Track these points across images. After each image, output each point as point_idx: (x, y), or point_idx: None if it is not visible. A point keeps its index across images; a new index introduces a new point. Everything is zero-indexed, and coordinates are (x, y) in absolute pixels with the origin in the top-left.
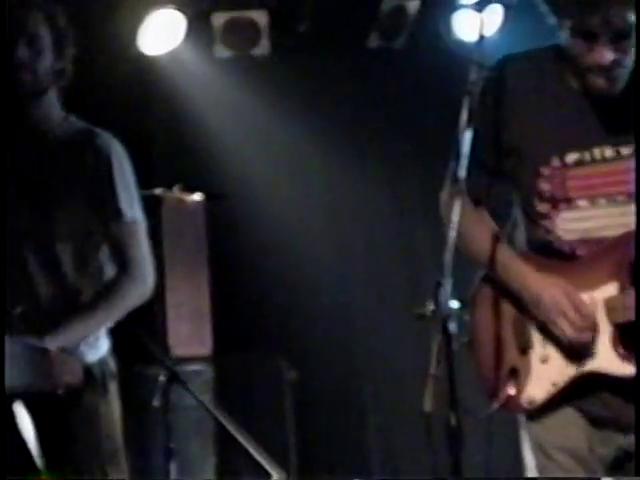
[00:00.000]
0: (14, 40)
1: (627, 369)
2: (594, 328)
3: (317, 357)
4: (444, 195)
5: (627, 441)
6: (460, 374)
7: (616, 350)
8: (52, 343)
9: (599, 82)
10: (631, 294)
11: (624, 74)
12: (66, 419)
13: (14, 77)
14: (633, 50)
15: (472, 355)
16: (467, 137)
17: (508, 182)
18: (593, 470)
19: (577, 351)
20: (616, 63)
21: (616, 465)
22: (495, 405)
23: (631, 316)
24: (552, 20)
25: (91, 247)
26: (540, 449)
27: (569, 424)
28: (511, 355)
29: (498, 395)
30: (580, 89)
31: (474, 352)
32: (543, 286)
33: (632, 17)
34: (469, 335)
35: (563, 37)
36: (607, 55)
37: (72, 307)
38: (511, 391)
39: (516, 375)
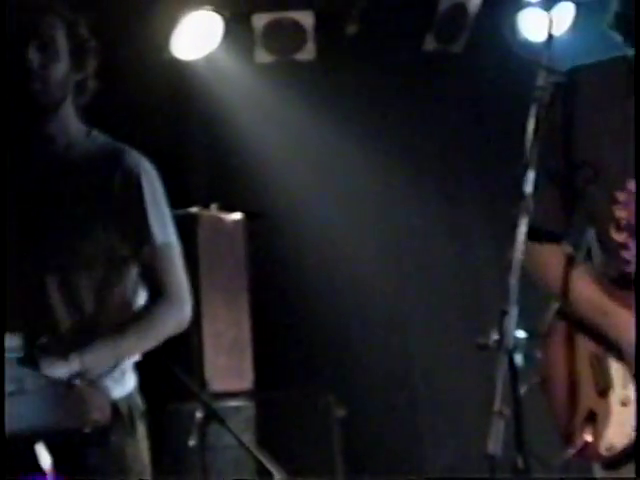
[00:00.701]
0: (24, 43)
1: None
2: None
3: (368, 392)
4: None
5: None
6: (532, 417)
7: None
8: (76, 363)
9: None
10: None
11: None
12: (92, 459)
13: (22, 85)
14: None
15: (545, 396)
16: (534, 149)
17: (580, 206)
18: None
19: None
20: None
21: None
22: (570, 452)
23: None
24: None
25: (116, 275)
26: None
27: None
28: (588, 397)
29: (574, 441)
30: None
31: (547, 392)
32: (627, 321)
33: None
34: (542, 373)
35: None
36: None
37: (94, 334)
38: (588, 437)
39: (594, 419)
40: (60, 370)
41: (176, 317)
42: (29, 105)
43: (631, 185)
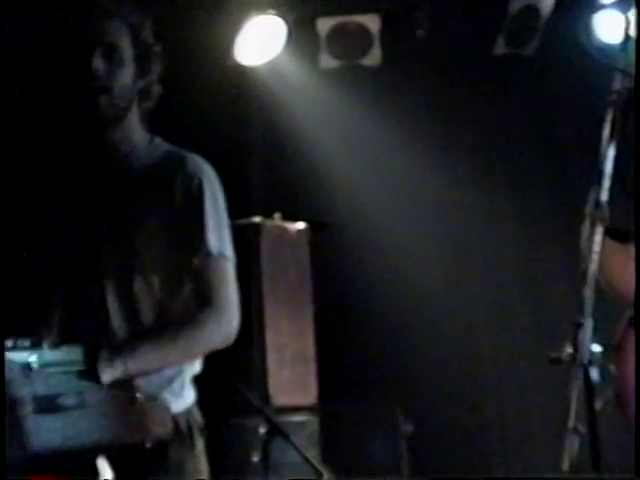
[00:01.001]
0: (88, 50)
1: None
2: None
3: (436, 407)
4: (585, 222)
5: None
6: (609, 431)
7: None
8: (121, 367)
9: None
10: None
11: None
12: (152, 475)
13: (85, 96)
14: None
15: (621, 412)
16: (610, 155)
17: None
18: None
19: None
20: None
21: None
22: None
23: None
24: None
25: (174, 284)
26: None
27: None
28: None
29: None
30: None
31: (623, 407)
32: None
33: None
34: (616, 388)
35: None
36: None
37: (141, 339)
38: None
39: None
40: (105, 376)
41: (223, 330)
42: (94, 116)
43: None
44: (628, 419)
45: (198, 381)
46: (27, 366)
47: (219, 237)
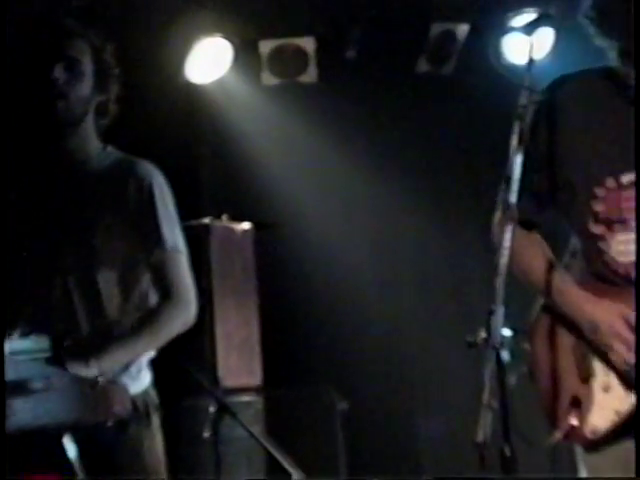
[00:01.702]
0: (51, 61)
1: None
2: None
3: (367, 387)
4: (496, 221)
5: None
6: (522, 404)
7: None
8: (96, 367)
9: None
10: None
11: None
12: (112, 451)
13: (46, 101)
14: None
15: (533, 385)
16: (518, 162)
17: (561, 208)
18: None
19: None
20: None
21: None
22: (558, 436)
23: None
24: (600, 42)
25: (132, 277)
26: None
27: (627, 454)
28: (573, 384)
29: (560, 425)
30: (632, 110)
31: (535, 381)
32: (598, 311)
33: None
34: (529, 365)
35: (612, 58)
36: None
37: (111, 337)
38: (574, 421)
39: (578, 405)
40: (81, 372)
41: (182, 317)
42: (52, 119)
43: (609, 182)
44: (538, 390)
45: (154, 365)
46: None
47: (172, 233)
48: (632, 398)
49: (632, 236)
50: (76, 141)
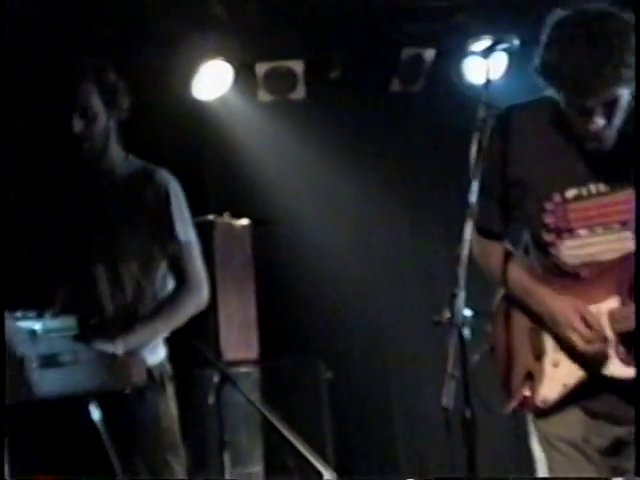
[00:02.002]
0: (68, 114)
1: (627, 372)
2: (604, 339)
3: (350, 359)
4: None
5: (621, 431)
6: (483, 377)
7: (618, 355)
8: (121, 345)
9: (593, 144)
10: (631, 307)
11: (614, 133)
12: (133, 414)
13: (74, 146)
14: (621, 113)
15: (493, 361)
16: (478, 169)
17: (516, 213)
18: (589, 456)
19: (587, 358)
20: (607, 127)
21: (611, 452)
22: (513, 404)
23: (631, 326)
24: (548, 92)
25: (150, 267)
26: (545, 440)
27: (570, 419)
28: (527, 361)
29: (515, 395)
30: (575, 139)
31: (495, 358)
32: (557, 305)
33: (621, 89)
34: (490, 344)
35: (561, 102)
36: (599, 123)
37: (131, 318)
38: (527, 392)
39: (531, 378)
40: (109, 350)
41: (196, 300)
42: (80, 157)
43: (556, 197)
44: (497, 365)
45: (169, 341)
46: (33, 332)
47: (184, 229)
48: (578, 373)
49: (578, 242)
50: (100, 155)
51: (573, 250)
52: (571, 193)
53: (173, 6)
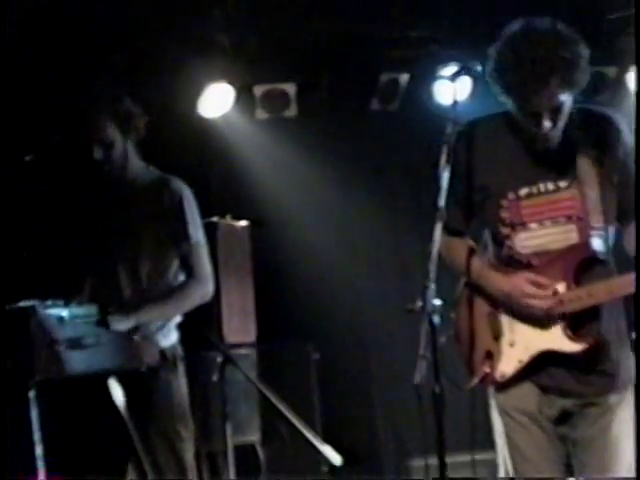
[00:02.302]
0: (89, 145)
1: (573, 347)
2: (556, 293)
3: (335, 342)
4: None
5: (567, 403)
6: (449, 357)
7: (565, 333)
8: (133, 320)
9: (541, 143)
10: (576, 291)
11: (559, 133)
12: (149, 391)
13: (96, 172)
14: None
15: (457, 343)
16: (445, 175)
17: (478, 213)
18: (542, 425)
19: (543, 323)
20: (553, 128)
21: (561, 421)
22: (475, 380)
23: (576, 307)
24: (501, 98)
25: (165, 264)
26: (504, 411)
27: (524, 392)
28: (486, 341)
29: (477, 372)
30: (526, 142)
31: (459, 341)
32: (507, 283)
33: (565, 96)
34: (454, 327)
35: (512, 108)
36: (547, 125)
37: (144, 300)
38: (487, 369)
39: (490, 357)
40: (122, 324)
41: (202, 292)
42: (102, 179)
43: (511, 195)
44: (460, 346)
45: (181, 327)
46: (61, 318)
47: (196, 231)
48: (531, 350)
49: (530, 234)
50: (124, 171)
51: (525, 241)
52: (523, 191)
53: (181, 35)
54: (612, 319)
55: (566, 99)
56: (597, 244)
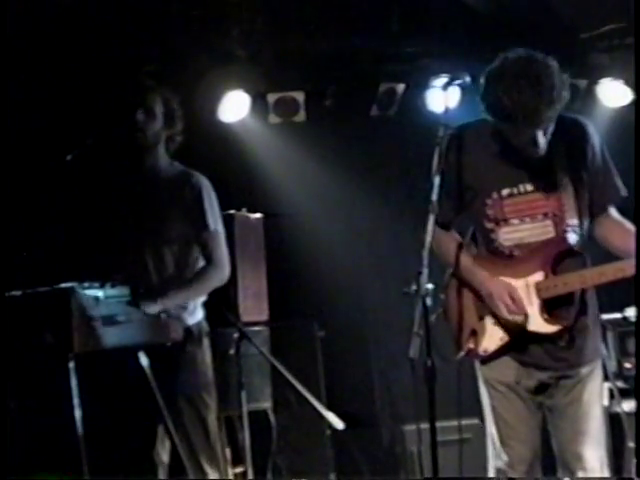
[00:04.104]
0: (135, 107)
1: (549, 328)
2: (524, 310)
3: (339, 321)
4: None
5: (544, 376)
6: (438, 334)
7: (542, 316)
8: (160, 305)
9: (531, 152)
10: (552, 279)
11: (546, 142)
12: (176, 363)
13: (130, 134)
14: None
15: (446, 321)
16: (437, 175)
17: (466, 209)
18: (520, 395)
19: (510, 323)
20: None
21: (538, 391)
22: (461, 354)
23: (552, 294)
24: (486, 115)
25: (187, 250)
26: (487, 382)
27: (505, 366)
28: (472, 321)
29: (463, 347)
30: (512, 148)
31: (447, 319)
32: (492, 284)
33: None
34: (444, 308)
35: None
36: (542, 143)
37: (169, 286)
38: (472, 345)
39: (475, 334)
40: (151, 308)
41: (220, 276)
42: (132, 145)
43: (494, 195)
44: (449, 325)
45: (205, 305)
46: (97, 298)
47: (214, 220)
48: (512, 330)
49: (511, 229)
50: (151, 160)
51: (508, 235)
52: (506, 192)
53: (203, 47)
54: (585, 304)
55: (552, 116)
56: (572, 239)
